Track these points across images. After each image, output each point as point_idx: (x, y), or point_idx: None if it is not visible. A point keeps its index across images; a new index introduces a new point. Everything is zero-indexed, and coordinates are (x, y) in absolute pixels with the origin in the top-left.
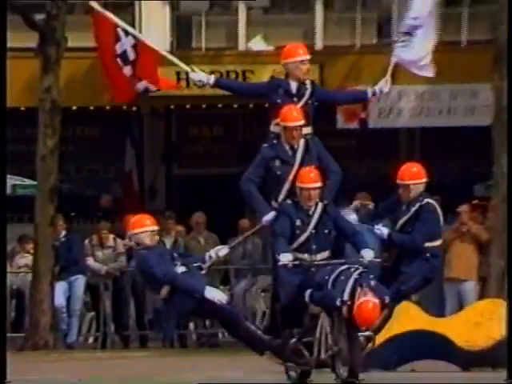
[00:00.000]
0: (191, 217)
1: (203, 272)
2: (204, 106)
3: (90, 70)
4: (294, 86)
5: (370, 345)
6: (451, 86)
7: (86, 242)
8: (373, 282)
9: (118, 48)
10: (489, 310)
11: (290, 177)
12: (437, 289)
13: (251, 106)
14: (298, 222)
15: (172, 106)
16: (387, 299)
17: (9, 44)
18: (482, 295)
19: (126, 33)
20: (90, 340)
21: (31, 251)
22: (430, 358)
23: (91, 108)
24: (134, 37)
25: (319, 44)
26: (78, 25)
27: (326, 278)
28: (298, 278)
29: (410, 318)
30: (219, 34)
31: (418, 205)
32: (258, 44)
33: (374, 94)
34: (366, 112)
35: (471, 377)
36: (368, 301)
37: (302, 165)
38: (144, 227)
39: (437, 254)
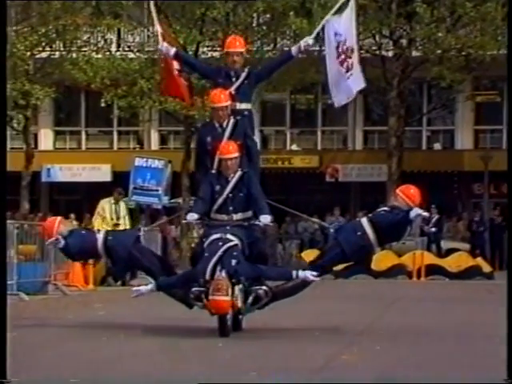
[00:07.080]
0: None
1: None
2: None
3: None
4: (232, 70)
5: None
6: None
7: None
8: (233, 262)
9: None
10: None
11: (218, 151)
12: None
13: None
14: (217, 188)
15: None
16: (243, 279)
17: None
18: None
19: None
20: None
21: None
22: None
23: None
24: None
25: None
26: None
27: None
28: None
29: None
30: None
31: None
32: None
33: (299, 49)
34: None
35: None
36: (215, 300)
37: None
38: None
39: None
